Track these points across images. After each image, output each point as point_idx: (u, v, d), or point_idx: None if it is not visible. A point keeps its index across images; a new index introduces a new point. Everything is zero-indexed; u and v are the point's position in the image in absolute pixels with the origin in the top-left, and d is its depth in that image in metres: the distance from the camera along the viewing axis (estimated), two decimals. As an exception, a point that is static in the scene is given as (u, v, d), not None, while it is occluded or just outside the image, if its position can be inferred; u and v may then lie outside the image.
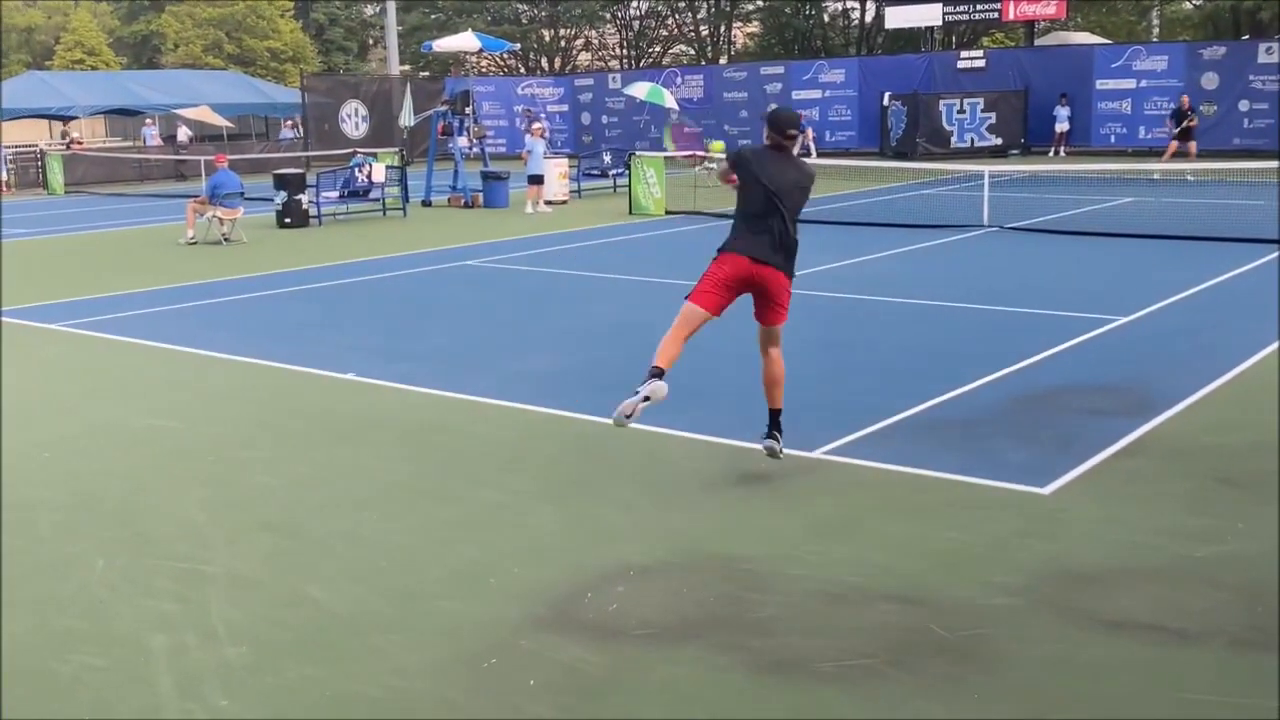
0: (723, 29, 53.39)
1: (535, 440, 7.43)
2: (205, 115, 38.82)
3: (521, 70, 52.82)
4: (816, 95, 37.25)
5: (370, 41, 59.84)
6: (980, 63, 35.58)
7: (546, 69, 52.89)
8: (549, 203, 23.04)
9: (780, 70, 38.79)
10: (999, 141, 33.02)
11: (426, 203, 24.60)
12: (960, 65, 35.72)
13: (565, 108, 42.61)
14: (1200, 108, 27.82)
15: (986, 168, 20.26)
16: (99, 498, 6.52)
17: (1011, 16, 36.07)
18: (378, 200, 22.73)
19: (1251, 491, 6.12)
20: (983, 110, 33.17)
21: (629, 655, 4.49)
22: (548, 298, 12.95)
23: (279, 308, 12.79)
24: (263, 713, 4.15)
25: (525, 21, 52.89)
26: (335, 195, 22.16)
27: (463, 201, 24.21)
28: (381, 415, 8.10)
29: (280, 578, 5.33)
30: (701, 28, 53.53)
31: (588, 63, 55.81)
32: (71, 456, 7.34)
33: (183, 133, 39.06)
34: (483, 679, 4.33)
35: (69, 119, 39.36)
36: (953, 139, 33.02)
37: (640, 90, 32.26)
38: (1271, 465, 6.45)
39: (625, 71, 46.38)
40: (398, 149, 28.73)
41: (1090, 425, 7.35)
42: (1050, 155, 32.30)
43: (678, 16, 53.81)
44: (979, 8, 36.27)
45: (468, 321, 11.68)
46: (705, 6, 52.68)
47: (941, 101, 33.30)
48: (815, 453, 6.79)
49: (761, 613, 4.83)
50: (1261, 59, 30.36)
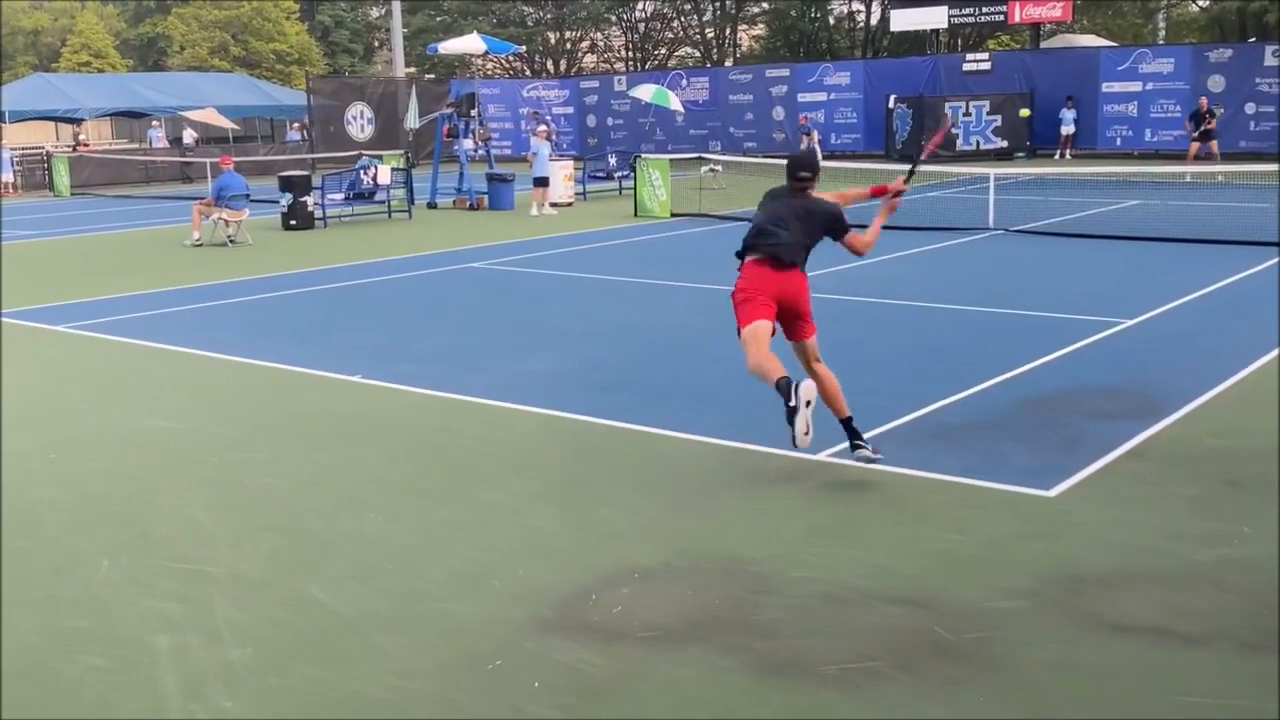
0: (728, 31, 53.42)
1: (539, 442, 7.43)
2: (211, 117, 38.90)
3: (527, 73, 52.88)
4: (822, 98, 37.27)
5: (376, 44, 60.01)
6: (986, 65, 35.55)
7: (552, 71, 52.95)
8: (554, 205, 23.06)
9: (786, 73, 38.81)
10: (1004, 144, 32.99)
11: (432, 205, 24.63)
12: (966, 68, 35.69)
13: (570, 110, 42.68)
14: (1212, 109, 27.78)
15: (992, 170, 20.26)
16: (104, 498, 6.53)
17: (1017, 19, 36.04)
18: (383, 202, 22.79)
19: (1257, 495, 6.10)
20: (988, 113, 33.16)
21: (632, 657, 4.49)
22: (552, 300, 12.96)
23: (284, 309, 12.81)
24: (266, 713, 4.15)
25: (530, 24, 52.96)
26: (340, 197, 22.19)
27: (468, 204, 24.23)
28: (386, 416, 8.11)
29: (284, 578, 5.33)
30: (707, 30, 53.57)
31: (593, 65, 55.88)
32: (77, 457, 7.36)
33: (188, 135, 39.14)
34: (486, 680, 4.33)
35: (79, 121, 39.47)
36: (958, 142, 33.00)
37: (645, 93, 32.26)
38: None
39: (630, 74, 46.44)
40: (403, 151, 28.79)
41: (1095, 428, 7.34)
42: (1056, 158, 32.27)
43: (683, 19, 53.88)
44: (984, 10, 36.28)
45: (472, 323, 11.69)
46: (711, 9, 52.73)
47: (947, 104, 33.27)
48: (820, 455, 6.78)
49: (765, 615, 4.83)
50: (1268, 61, 30.32)
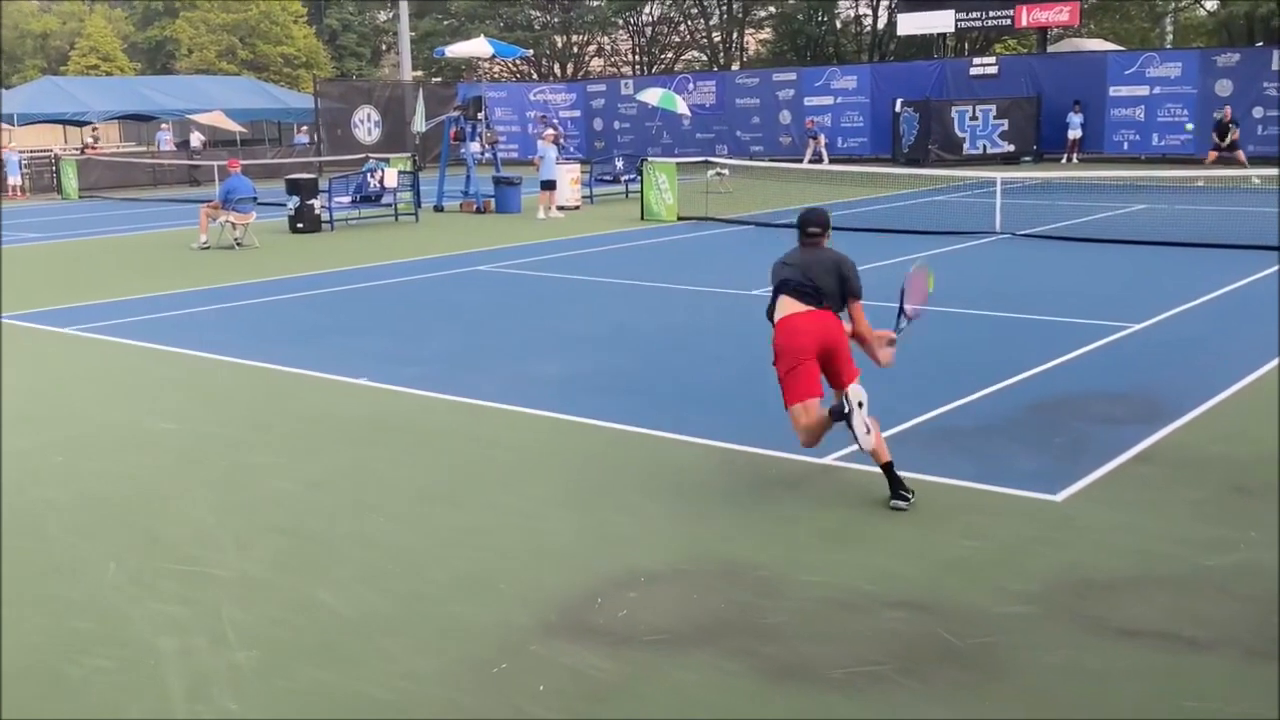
0: (735, 35, 53.42)
1: (545, 445, 7.43)
2: (219, 120, 39.03)
3: (534, 76, 52.92)
4: (828, 102, 37.28)
5: (383, 47, 60.11)
6: (993, 69, 35.52)
7: (559, 75, 52.99)
8: (561, 208, 23.08)
9: (792, 77, 38.82)
10: (1011, 148, 32.95)
11: (439, 208, 24.66)
12: (973, 72, 35.67)
13: (577, 113, 42.72)
14: (1215, 115, 27.70)
15: (999, 174, 20.23)
16: (109, 500, 6.54)
17: (1024, 23, 36.05)
18: (390, 205, 22.80)
19: (1264, 500, 6.08)
20: (995, 117, 33.12)
21: (639, 661, 4.48)
22: (558, 303, 12.96)
23: (291, 312, 12.82)
24: (271, 715, 4.15)
25: (538, 27, 53.04)
26: (347, 200, 22.23)
27: (475, 207, 24.25)
28: (392, 419, 8.11)
29: (289, 580, 5.34)
30: (714, 34, 53.57)
31: (600, 69, 55.92)
32: (83, 459, 7.37)
33: (196, 138, 39.24)
34: (491, 683, 4.33)
35: (90, 125, 39.58)
36: (965, 146, 32.98)
37: (652, 96, 32.29)
38: (1285, 473, 6.42)
39: (637, 77, 46.49)
40: (410, 154, 28.81)
41: (1102, 433, 7.33)
42: (1063, 162, 32.23)
43: (690, 23, 53.89)
44: (992, 14, 36.29)
45: (478, 326, 11.69)
46: (717, 13, 52.74)
47: (954, 108, 33.26)
48: (826, 459, 6.77)
49: (772, 619, 4.82)
50: (1275, 65, 30.30)
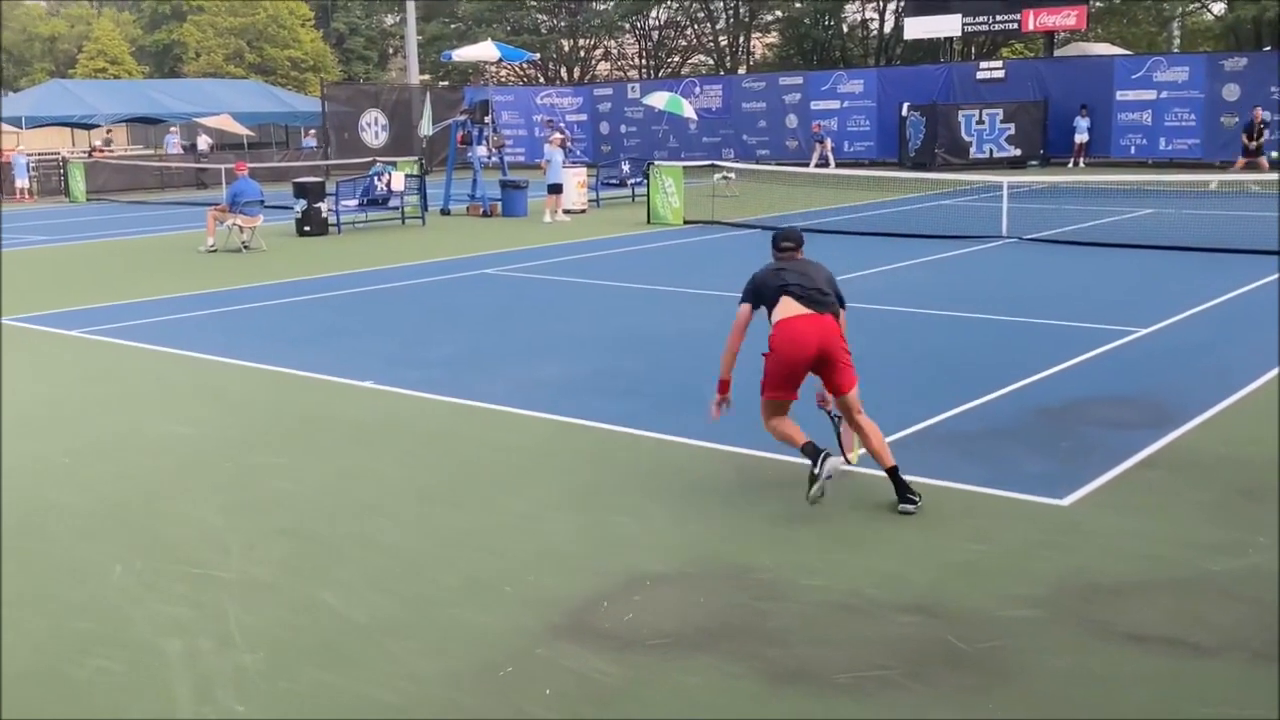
0: (741, 39, 53.45)
1: (551, 448, 7.43)
2: (226, 123, 39.11)
3: (541, 80, 52.98)
4: (835, 105, 37.28)
5: (390, 51, 60.18)
6: (999, 73, 35.50)
7: (566, 79, 53.04)
8: (567, 212, 23.09)
9: (799, 80, 38.83)
10: (1018, 152, 32.92)
11: (445, 211, 24.69)
12: (979, 76, 35.66)
13: (584, 117, 42.76)
14: (1221, 119, 27.56)
15: (1005, 179, 20.22)
16: (117, 503, 6.55)
17: (1031, 27, 36.04)
18: (397, 209, 22.83)
19: (1271, 505, 6.06)
20: (1002, 121, 33.09)
21: (643, 664, 4.48)
22: (565, 306, 12.97)
23: (297, 315, 12.84)
24: (276, 716, 4.15)
25: (545, 31, 53.11)
26: (354, 203, 22.26)
27: (481, 210, 24.28)
28: (398, 422, 8.12)
29: (296, 583, 5.34)
30: (720, 38, 53.60)
31: (607, 72, 55.94)
32: (89, 462, 7.38)
33: (203, 141, 39.35)
34: (497, 686, 4.33)
35: (100, 127, 39.69)
36: (971, 150, 32.95)
37: (659, 100, 32.31)
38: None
39: (644, 81, 46.54)
40: (417, 158, 28.87)
41: (1109, 437, 7.31)
42: (1070, 166, 32.19)
43: (696, 27, 53.92)
44: (998, 19, 36.28)
45: (485, 329, 11.70)
46: (724, 17, 52.76)
47: (960, 112, 33.23)
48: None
49: (776, 622, 4.82)
50: (1283, 69, 30.19)
